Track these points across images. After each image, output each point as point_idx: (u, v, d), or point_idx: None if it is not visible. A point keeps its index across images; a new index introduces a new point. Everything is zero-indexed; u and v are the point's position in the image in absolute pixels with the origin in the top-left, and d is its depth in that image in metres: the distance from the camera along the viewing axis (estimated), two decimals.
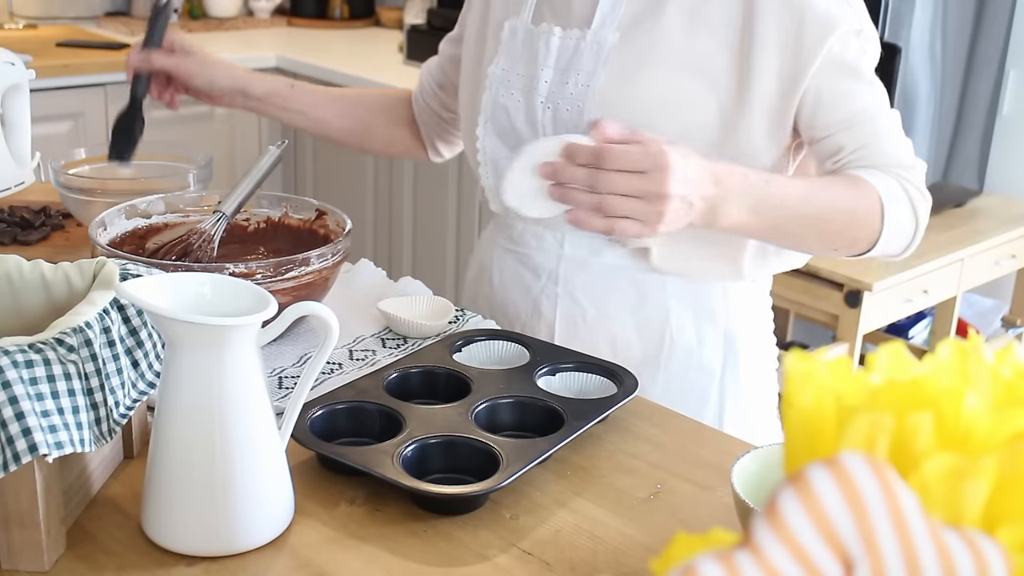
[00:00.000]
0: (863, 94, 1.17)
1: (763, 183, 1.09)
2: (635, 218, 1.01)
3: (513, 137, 1.27)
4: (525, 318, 1.34)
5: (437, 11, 3.14)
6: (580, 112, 1.20)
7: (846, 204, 1.14)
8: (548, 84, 1.23)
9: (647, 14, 1.19)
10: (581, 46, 1.21)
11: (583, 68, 1.21)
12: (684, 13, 1.17)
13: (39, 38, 3.29)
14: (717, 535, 0.50)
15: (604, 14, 1.20)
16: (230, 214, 1.26)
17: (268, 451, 0.84)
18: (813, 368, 0.56)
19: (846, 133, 1.17)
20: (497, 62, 1.28)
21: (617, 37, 1.19)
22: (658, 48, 1.18)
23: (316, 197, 2.55)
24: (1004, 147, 2.90)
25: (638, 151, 1.01)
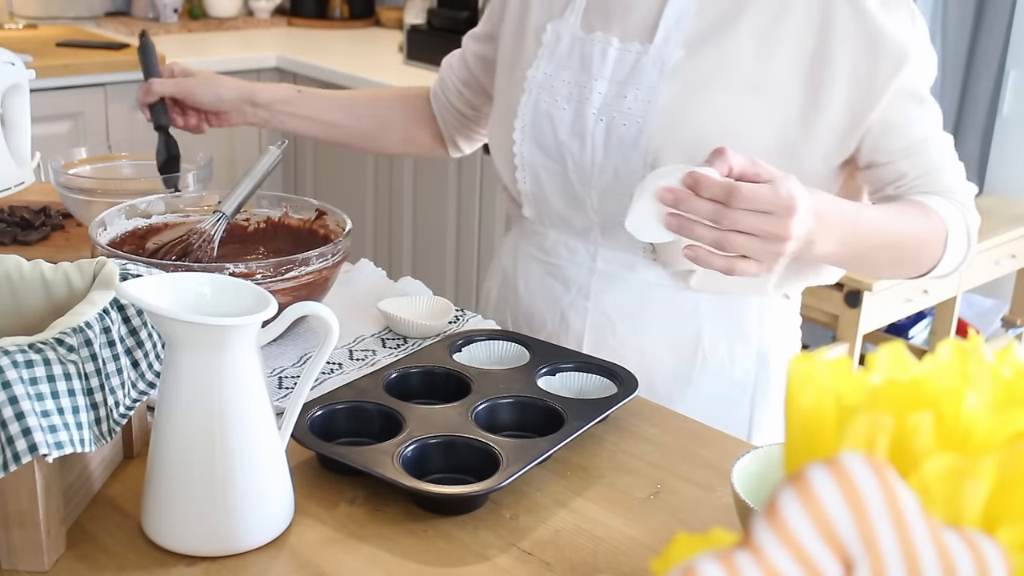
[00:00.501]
0: (924, 120, 1.17)
1: (855, 215, 1.09)
2: (753, 257, 0.98)
3: (555, 146, 1.24)
4: (551, 328, 1.31)
5: (437, 11, 3.14)
6: (639, 128, 1.17)
7: (921, 234, 1.15)
8: (603, 96, 1.20)
9: (716, 32, 1.16)
10: (642, 60, 1.18)
11: (644, 83, 1.18)
12: (756, 33, 1.15)
13: (39, 38, 3.29)
14: (717, 535, 0.50)
15: (668, 29, 1.17)
16: (230, 214, 1.26)
17: (268, 451, 0.84)
18: (813, 368, 0.56)
19: (908, 160, 1.17)
20: (538, 66, 1.25)
21: (682, 55, 1.16)
22: (725, 67, 1.15)
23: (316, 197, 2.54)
24: (1004, 147, 2.90)
25: (769, 192, 0.96)
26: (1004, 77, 2.84)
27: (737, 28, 1.15)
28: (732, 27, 1.15)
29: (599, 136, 1.20)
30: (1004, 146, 2.90)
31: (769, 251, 0.98)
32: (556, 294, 1.31)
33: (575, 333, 1.29)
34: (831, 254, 1.08)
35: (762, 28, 1.15)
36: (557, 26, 1.25)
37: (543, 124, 1.24)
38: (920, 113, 1.17)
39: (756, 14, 1.15)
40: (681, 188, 0.98)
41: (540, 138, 1.24)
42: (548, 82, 1.24)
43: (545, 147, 1.24)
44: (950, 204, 1.17)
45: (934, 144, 1.18)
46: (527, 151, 1.26)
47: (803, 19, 1.14)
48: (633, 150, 1.18)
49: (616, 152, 1.19)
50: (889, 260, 1.17)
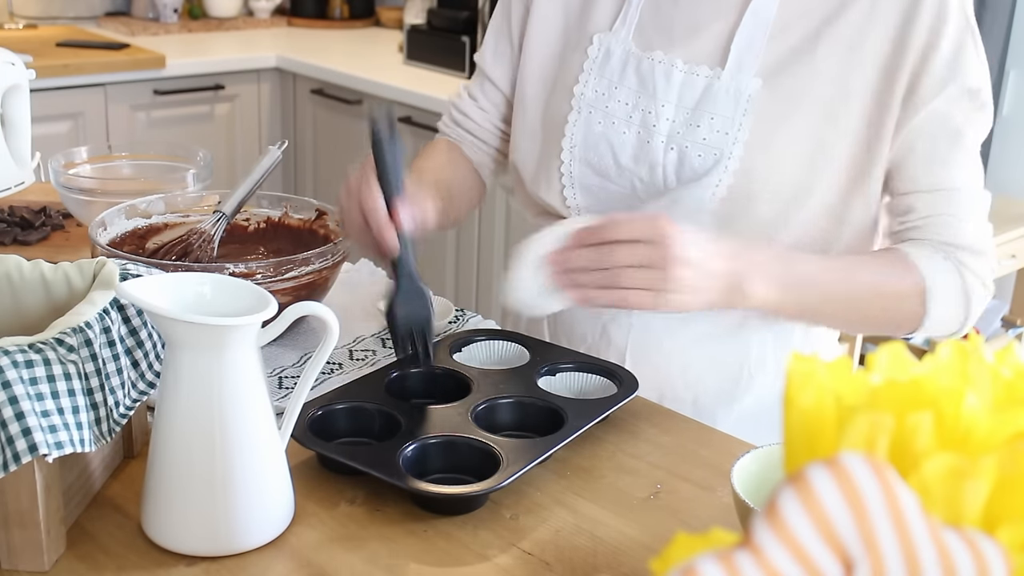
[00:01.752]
0: (958, 165, 1.11)
1: (791, 262, 1.06)
2: (645, 288, 0.97)
3: (615, 170, 1.17)
4: (592, 342, 1.26)
5: (437, 11, 3.14)
6: (716, 160, 1.12)
7: (885, 288, 1.10)
8: (671, 123, 1.14)
9: (796, 57, 1.11)
10: (715, 87, 1.12)
11: (719, 112, 1.12)
12: (837, 57, 1.10)
13: (39, 38, 3.29)
14: (717, 535, 0.50)
15: (740, 54, 1.12)
16: (230, 214, 1.26)
17: (268, 451, 0.84)
18: (813, 368, 0.56)
19: (923, 196, 1.11)
20: (586, 82, 1.18)
21: (759, 84, 1.11)
22: (806, 97, 1.10)
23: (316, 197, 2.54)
24: (1004, 147, 2.91)
25: (640, 219, 0.97)
26: (1004, 77, 2.84)
27: (817, 53, 1.10)
28: (812, 52, 1.10)
29: (671, 165, 1.15)
30: (1004, 146, 2.91)
31: (660, 278, 0.97)
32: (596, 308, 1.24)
33: (617, 348, 1.24)
34: (773, 303, 1.05)
35: (842, 55, 1.10)
36: (606, 40, 1.19)
37: (600, 147, 1.18)
38: (955, 154, 1.10)
39: (835, 40, 1.10)
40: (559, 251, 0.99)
41: (595, 161, 1.18)
42: (601, 101, 1.18)
43: (602, 170, 1.19)
44: (939, 256, 1.11)
45: (961, 193, 1.11)
46: (578, 172, 1.19)
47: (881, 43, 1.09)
48: (705, 179, 1.13)
49: (688, 180, 1.14)
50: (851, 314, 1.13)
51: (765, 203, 1.12)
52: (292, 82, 3.37)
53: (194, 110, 3.29)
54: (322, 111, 3.30)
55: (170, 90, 3.19)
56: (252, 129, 3.42)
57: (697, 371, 1.23)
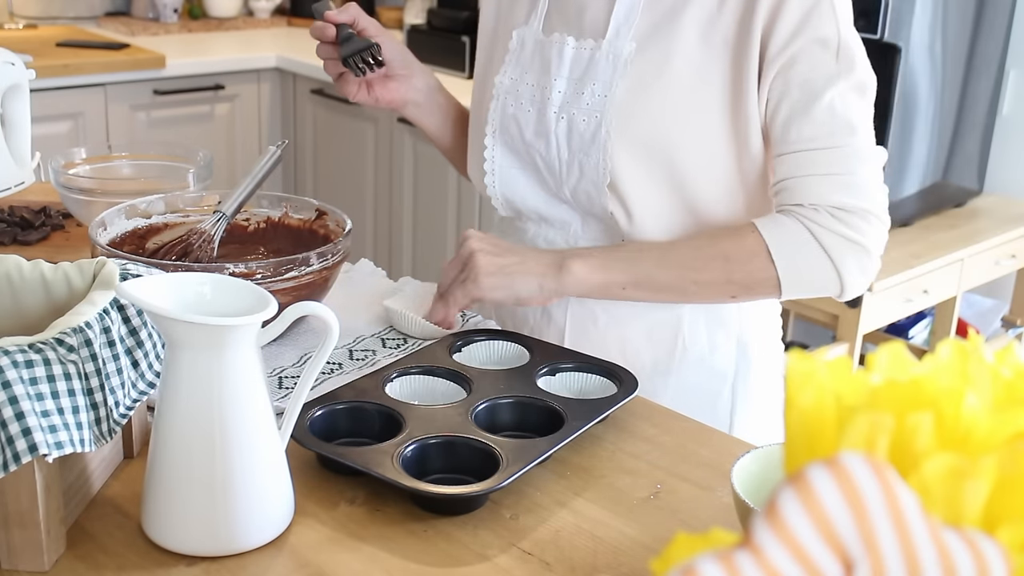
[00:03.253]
0: (812, 123, 1.12)
1: (613, 247, 1.20)
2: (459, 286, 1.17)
3: (523, 147, 1.26)
4: (534, 322, 1.33)
5: (437, 11, 3.14)
6: (598, 122, 1.20)
7: (716, 248, 1.15)
8: (562, 94, 1.23)
9: (664, 23, 1.18)
10: (596, 56, 1.21)
11: (599, 78, 1.20)
12: (700, 22, 1.17)
13: (39, 38, 3.29)
14: (717, 535, 0.50)
15: (619, 23, 1.20)
16: (230, 214, 1.26)
17: (268, 451, 0.84)
18: (813, 368, 0.56)
19: (785, 159, 1.14)
20: (505, 71, 1.28)
21: (634, 47, 1.19)
22: (675, 57, 1.17)
23: (316, 197, 2.55)
24: (1004, 147, 2.91)
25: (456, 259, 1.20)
26: (1004, 77, 2.84)
27: (683, 17, 1.17)
28: (679, 16, 1.17)
29: (562, 134, 1.23)
30: (1004, 146, 2.90)
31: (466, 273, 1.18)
32: None
33: (557, 325, 1.30)
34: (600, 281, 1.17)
35: (707, 14, 1.17)
36: (522, 32, 1.28)
37: (511, 127, 1.27)
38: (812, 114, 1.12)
39: (701, 3, 1.17)
40: None
41: (509, 141, 1.27)
42: (514, 87, 1.27)
43: (515, 149, 1.27)
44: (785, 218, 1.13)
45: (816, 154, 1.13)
46: (499, 155, 1.29)
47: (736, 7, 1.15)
48: (593, 145, 1.20)
49: (578, 149, 1.22)
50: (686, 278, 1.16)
51: (656, 168, 1.18)
52: (292, 82, 3.37)
53: (194, 110, 3.29)
54: (322, 111, 3.30)
55: (170, 90, 3.19)
56: (252, 129, 3.42)
57: (634, 345, 1.28)
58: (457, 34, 3.05)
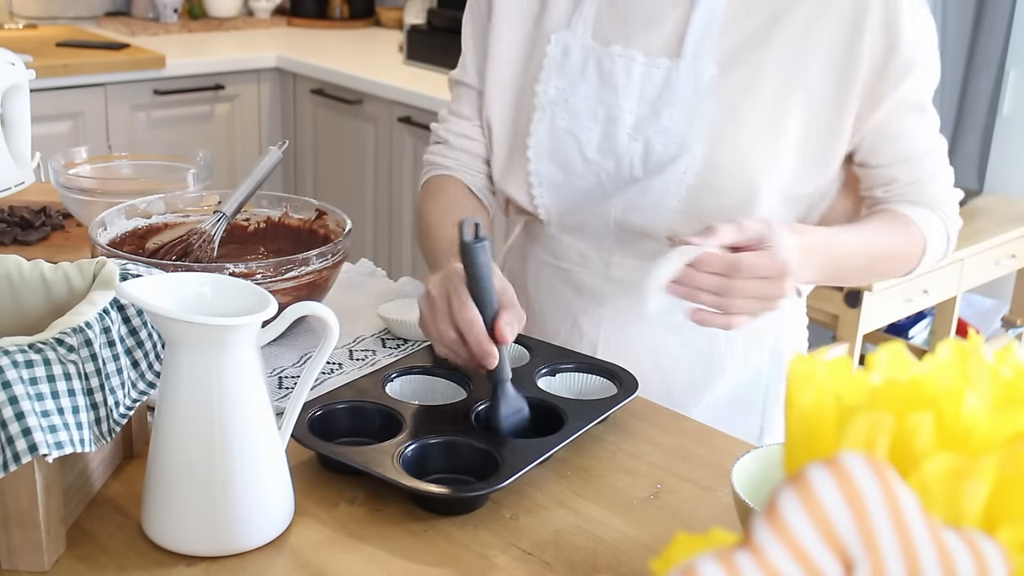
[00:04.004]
0: (922, 128, 1.19)
1: (835, 244, 1.14)
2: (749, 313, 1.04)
3: (581, 164, 1.20)
4: (564, 334, 1.28)
5: (437, 11, 3.14)
6: (680, 147, 1.15)
7: (897, 250, 1.20)
8: (635, 115, 1.17)
9: (748, 46, 1.14)
10: (673, 77, 1.15)
11: (679, 102, 1.15)
12: (789, 45, 1.13)
13: (39, 38, 3.29)
14: (717, 535, 0.50)
15: (695, 44, 1.15)
16: (230, 214, 1.26)
17: (268, 451, 0.84)
18: (813, 368, 0.56)
19: (901, 167, 1.19)
20: (547, 80, 1.20)
21: (716, 71, 1.14)
22: (761, 82, 1.14)
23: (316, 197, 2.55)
24: (1004, 147, 2.90)
25: (766, 260, 1.01)
26: (1004, 77, 2.84)
27: (770, 41, 1.14)
28: (766, 40, 1.14)
29: (636, 156, 1.17)
30: (1004, 146, 2.90)
31: (765, 308, 1.04)
32: (568, 299, 1.29)
33: (589, 339, 1.27)
34: (811, 279, 1.17)
35: (795, 40, 1.13)
36: (564, 38, 1.20)
37: (566, 143, 1.20)
38: (919, 121, 1.18)
39: (789, 25, 1.13)
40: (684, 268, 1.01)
41: (560, 157, 1.20)
42: (562, 98, 1.19)
43: (567, 166, 1.21)
44: (933, 216, 1.21)
45: (929, 154, 1.20)
46: (544, 169, 1.22)
47: (836, 26, 1.13)
48: (672, 167, 1.16)
49: (655, 171, 1.17)
50: (865, 276, 1.27)
51: (729, 189, 1.16)
52: (292, 82, 3.37)
53: (194, 110, 3.29)
54: (322, 111, 3.30)
55: (170, 90, 3.19)
56: (252, 129, 3.42)
57: (669, 361, 1.26)
58: (457, 34, 3.02)
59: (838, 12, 1.13)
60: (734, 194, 1.16)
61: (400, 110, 2.97)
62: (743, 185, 1.16)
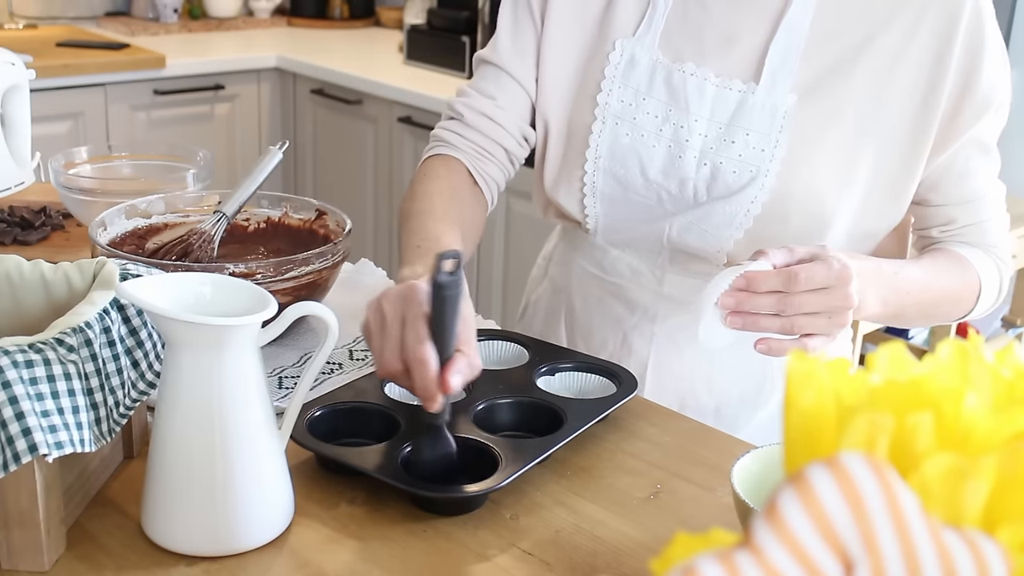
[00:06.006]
0: (985, 170, 1.17)
1: (893, 275, 1.09)
2: (821, 333, 1.00)
3: (642, 183, 1.15)
4: (612, 349, 1.25)
5: (437, 11, 3.14)
6: (752, 177, 1.11)
7: (955, 291, 1.17)
8: (704, 138, 1.13)
9: (831, 76, 1.11)
10: (749, 102, 1.11)
11: (754, 128, 1.11)
12: (875, 78, 1.10)
13: (39, 38, 3.29)
14: (717, 535, 0.50)
15: (774, 70, 1.11)
16: (230, 214, 1.26)
17: (268, 451, 0.84)
18: (813, 368, 0.56)
19: (961, 207, 1.18)
20: (610, 90, 1.15)
21: (795, 100, 1.11)
22: (840, 116, 1.11)
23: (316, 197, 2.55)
24: (1004, 147, 2.89)
25: (823, 269, 0.98)
26: None
27: (853, 72, 1.10)
28: (849, 71, 1.11)
29: (702, 181, 1.14)
30: (1004, 146, 2.89)
31: (835, 324, 1.00)
32: (618, 315, 1.25)
33: (639, 356, 1.23)
34: (875, 314, 1.10)
35: (880, 73, 1.10)
36: (629, 46, 1.15)
37: (628, 160, 1.15)
38: (984, 163, 1.17)
39: (875, 57, 1.10)
40: (737, 291, 0.98)
41: (621, 172, 1.16)
42: (627, 112, 1.15)
43: (627, 182, 1.17)
44: (989, 259, 1.19)
45: (989, 197, 1.19)
46: (600, 181, 1.17)
47: (921, 60, 1.10)
48: (740, 195, 1.13)
49: (720, 196, 1.14)
50: (923, 315, 1.18)
51: (796, 220, 1.13)
52: (292, 82, 3.37)
53: (194, 110, 3.29)
54: (322, 111, 3.30)
55: (170, 90, 3.19)
56: (252, 129, 3.42)
57: (721, 380, 1.22)
58: (457, 34, 3.04)
59: (925, 45, 1.10)
60: (801, 226, 1.13)
61: (400, 110, 2.97)
62: (812, 218, 1.13)
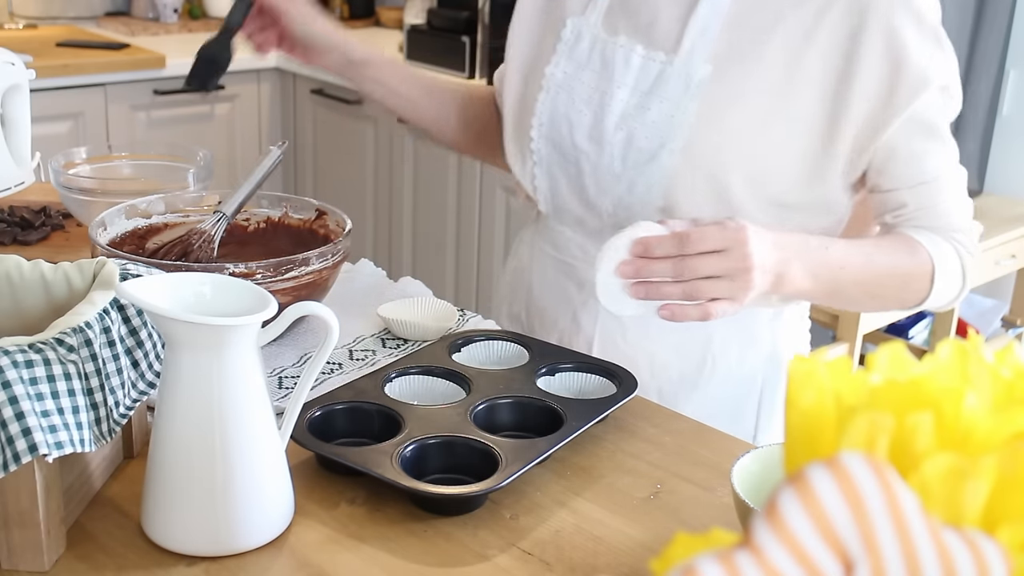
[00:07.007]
0: (936, 153, 1.15)
1: (823, 249, 1.09)
2: (725, 297, 1.00)
3: (571, 149, 1.21)
4: (563, 327, 1.30)
5: (437, 11, 3.14)
6: (660, 142, 1.15)
7: (901, 270, 1.15)
8: (624, 104, 1.17)
9: (745, 50, 1.13)
10: (667, 72, 1.15)
11: (668, 96, 1.15)
12: (787, 54, 1.12)
13: (39, 38, 3.29)
14: (717, 535, 0.50)
15: (693, 41, 1.15)
16: (230, 214, 1.26)
17: (268, 451, 0.84)
18: (813, 368, 0.56)
19: (912, 191, 1.16)
20: (556, 63, 1.22)
21: (709, 70, 1.14)
22: (753, 88, 1.13)
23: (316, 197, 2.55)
24: (1004, 147, 2.90)
25: (716, 230, 0.99)
26: (1004, 77, 2.84)
27: (768, 48, 1.13)
28: (763, 46, 1.13)
29: (618, 146, 1.18)
30: (1004, 146, 2.90)
31: (738, 287, 1.00)
32: (569, 294, 1.29)
33: (586, 334, 1.28)
34: (807, 290, 1.09)
35: (794, 49, 1.12)
36: (578, 23, 1.22)
37: (561, 125, 1.21)
38: (932, 147, 1.15)
39: (788, 33, 1.12)
40: (634, 259, 1.00)
41: (557, 138, 1.22)
42: (567, 82, 1.21)
43: (562, 148, 1.22)
44: (946, 243, 1.16)
45: (941, 178, 1.16)
46: (544, 150, 1.24)
47: (833, 40, 1.12)
48: (651, 164, 1.16)
49: (634, 165, 1.17)
50: (869, 296, 1.17)
51: (707, 191, 1.15)
52: (292, 82, 3.37)
53: (194, 110, 3.29)
54: (322, 111, 3.30)
55: (170, 90, 3.19)
56: (252, 129, 3.42)
57: (662, 359, 1.26)
58: (457, 34, 3.04)
59: (837, 22, 1.11)
60: (713, 196, 1.15)
61: None
62: (722, 188, 1.14)
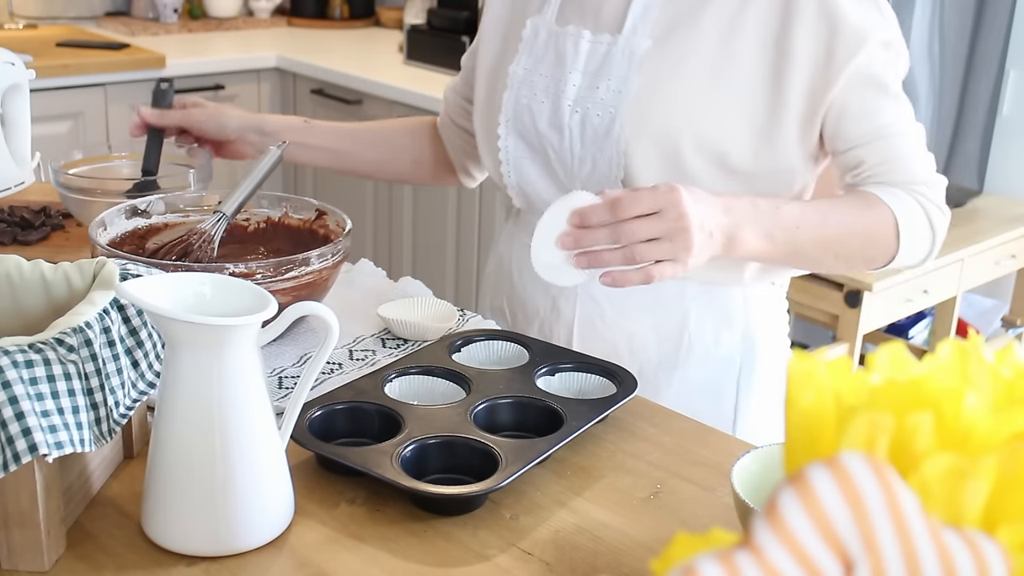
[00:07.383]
0: (887, 109, 1.17)
1: (773, 209, 1.11)
2: (666, 259, 1.02)
3: (536, 138, 1.26)
4: (544, 315, 1.34)
5: (437, 11, 3.14)
6: (612, 118, 1.20)
7: (861, 226, 1.16)
8: (577, 88, 1.23)
9: (682, 22, 1.18)
10: (612, 51, 1.21)
11: (614, 74, 1.20)
12: (721, 23, 1.17)
13: (39, 38, 3.29)
14: (717, 535, 0.50)
15: (635, 20, 1.20)
16: (230, 214, 1.26)
17: (268, 451, 0.84)
18: (813, 368, 0.56)
19: (867, 148, 1.17)
20: (518, 61, 1.28)
21: (650, 44, 1.19)
22: (692, 57, 1.17)
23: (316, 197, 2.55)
24: (1004, 147, 2.90)
25: (648, 193, 1.01)
26: (1004, 77, 2.84)
27: (703, 17, 1.17)
28: (698, 17, 1.18)
29: (575, 127, 1.23)
30: (1004, 146, 2.90)
31: (678, 247, 1.02)
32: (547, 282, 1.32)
33: (566, 320, 1.32)
34: (762, 251, 1.11)
35: (728, 17, 1.17)
36: (536, 22, 1.28)
37: (524, 118, 1.27)
38: (883, 102, 1.17)
39: (722, 3, 1.17)
40: (573, 229, 1.02)
41: (522, 131, 1.27)
42: (528, 77, 1.27)
43: (528, 139, 1.27)
44: (905, 195, 1.17)
45: (897, 133, 1.17)
46: (512, 145, 1.29)
47: (766, 7, 1.16)
48: (606, 140, 1.21)
49: (591, 143, 1.22)
50: (831, 255, 1.18)
51: (659, 162, 1.18)
52: (292, 82, 3.37)
53: None
54: (322, 111, 3.30)
55: None
56: None
57: (641, 340, 1.29)
58: (457, 34, 3.04)
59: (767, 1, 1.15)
60: (669, 167, 1.18)
61: (400, 110, 2.97)
62: (676, 157, 1.18)
